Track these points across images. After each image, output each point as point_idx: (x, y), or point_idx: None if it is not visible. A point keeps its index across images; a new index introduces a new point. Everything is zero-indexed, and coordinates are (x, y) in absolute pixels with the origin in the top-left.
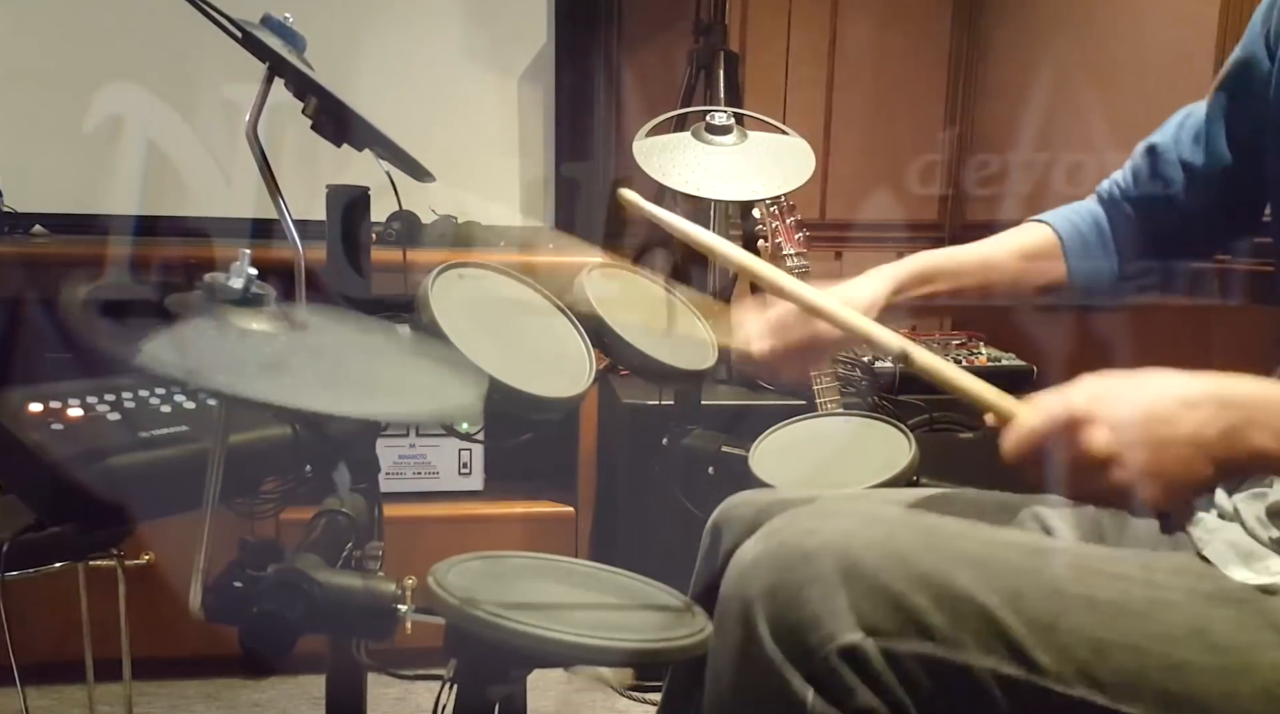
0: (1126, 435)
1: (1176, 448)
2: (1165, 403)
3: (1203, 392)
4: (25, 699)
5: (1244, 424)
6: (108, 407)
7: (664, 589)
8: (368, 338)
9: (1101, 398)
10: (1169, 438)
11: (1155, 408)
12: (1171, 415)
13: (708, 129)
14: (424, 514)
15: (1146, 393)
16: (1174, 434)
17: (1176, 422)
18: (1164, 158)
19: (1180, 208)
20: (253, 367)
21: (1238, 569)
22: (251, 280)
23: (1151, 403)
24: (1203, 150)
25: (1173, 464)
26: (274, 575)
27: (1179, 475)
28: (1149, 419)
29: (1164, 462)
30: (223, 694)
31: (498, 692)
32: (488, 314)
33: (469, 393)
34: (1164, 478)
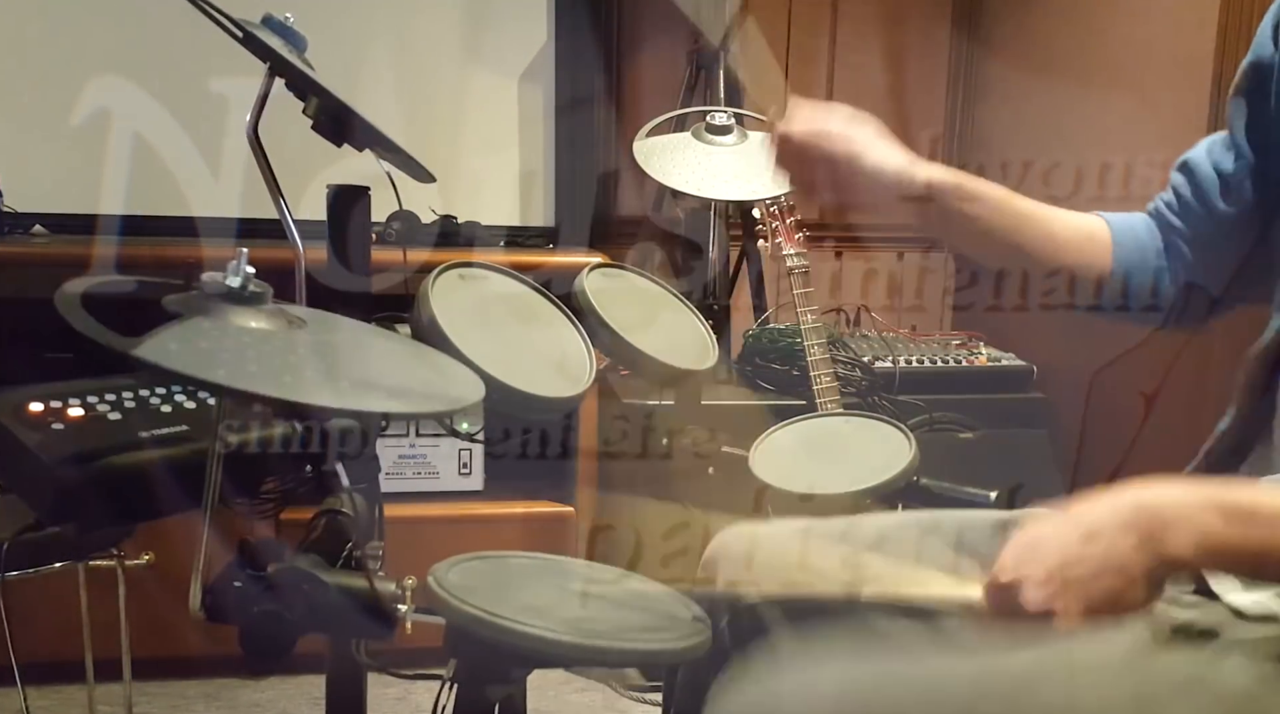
0: (1053, 589)
1: (1101, 581)
2: (1073, 542)
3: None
4: (25, 699)
5: (1155, 533)
6: (108, 407)
7: (664, 590)
8: (367, 337)
9: (1021, 559)
10: (1086, 575)
11: (1066, 551)
12: (1080, 554)
13: (708, 129)
14: (424, 514)
15: (1057, 536)
16: (1090, 570)
17: (1085, 558)
18: (1197, 169)
19: (1220, 217)
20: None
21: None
22: (249, 279)
23: (1062, 547)
24: (1232, 156)
25: (1106, 595)
26: (274, 575)
27: (1115, 601)
28: (1066, 564)
29: (1097, 597)
30: (223, 694)
31: (498, 692)
32: (488, 314)
33: (468, 391)
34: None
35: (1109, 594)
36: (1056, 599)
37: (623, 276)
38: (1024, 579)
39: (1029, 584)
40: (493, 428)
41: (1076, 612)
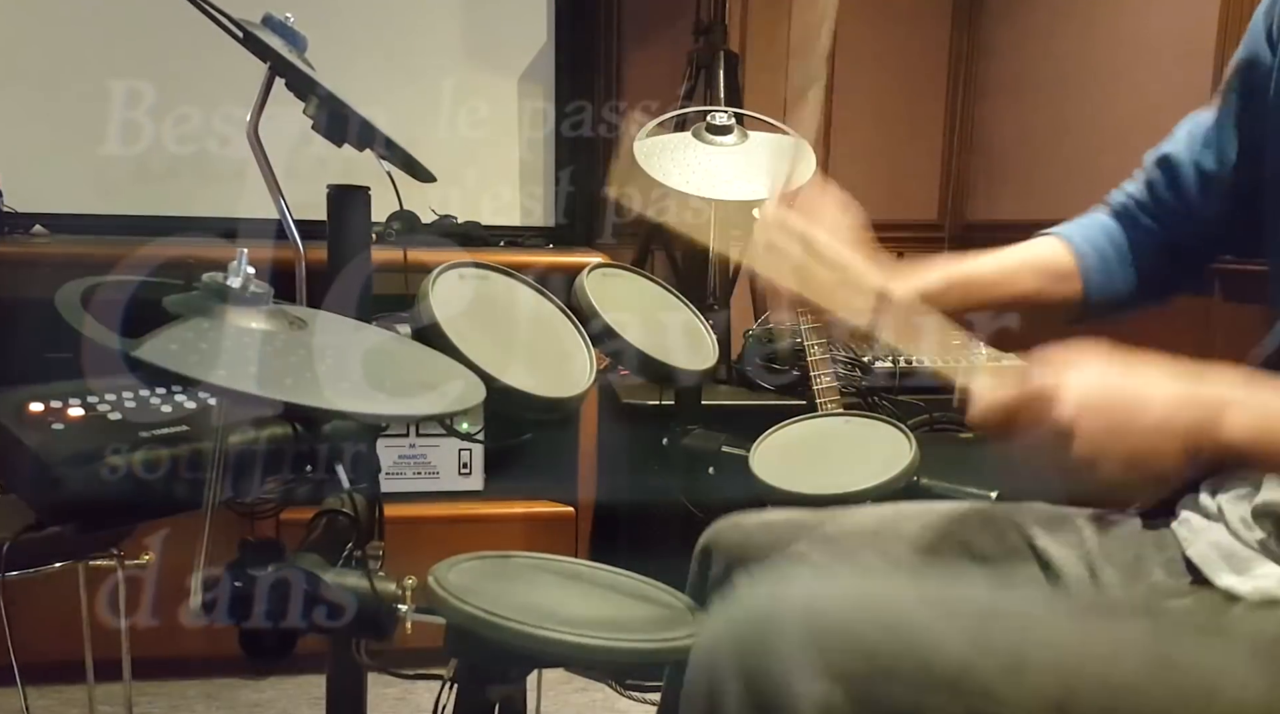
0: (1089, 412)
1: (1141, 432)
2: (1135, 386)
3: (1175, 382)
4: (25, 699)
5: (1214, 416)
6: (108, 407)
7: (664, 589)
8: (368, 338)
9: (1070, 373)
10: (1133, 420)
11: (1124, 389)
12: (1139, 399)
13: (708, 129)
14: (424, 514)
15: (1117, 374)
16: (1139, 417)
17: (1143, 406)
18: (1177, 165)
19: (1198, 215)
20: (252, 364)
21: (1225, 575)
22: (250, 279)
23: (1121, 384)
24: (1213, 154)
25: (1135, 446)
26: (274, 575)
27: (1141, 457)
28: (1114, 399)
29: (1126, 443)
30: (223, 694)
31: (498, 692)
32: (488, 314)
33: (468, 391)
34: (1124, 457)
35: (1146, 448)
36: (1087, 423)
37: (623, 276)
38: (1063, 391)
39: (1066, 398)
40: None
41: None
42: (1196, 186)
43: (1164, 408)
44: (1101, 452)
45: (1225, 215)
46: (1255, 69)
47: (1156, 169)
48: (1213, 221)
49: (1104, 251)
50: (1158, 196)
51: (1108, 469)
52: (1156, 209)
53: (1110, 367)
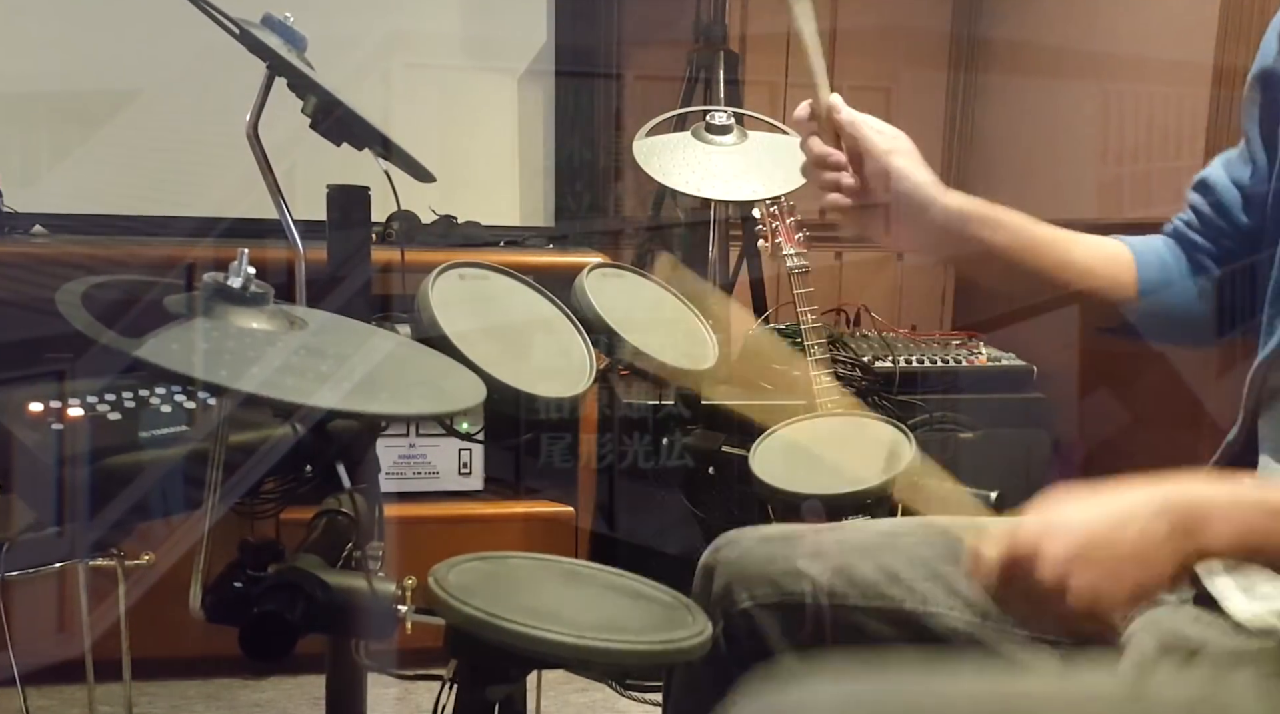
0: (1073, 565)
1: (1124, 566)
2: (1103, 524)
3: (1144, 504)
4: (25, 699)
5: (1191, 526)
6: (108, 407)
7: (664, 589)
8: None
9: (1045, 530)
10: (1111, 558)
11: (1094, 531)
12: (1109, 537)
13: (708, 129)
14: (424, 514)
15: (1086, 516)
16: (1115, 554)
17: (1115, 542)
18: (1215, 183)
19: (1244, 230)
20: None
21: (1239, 600)
22: (250, 279)
23: (1090, 526)
24: (1248, 168)
25: (1124, 582)
26: (274, 575)
27: (1132, 591)
28: (1092, 544)
29: (1115, 582)
30: (223, 694)
31: (498, 692)
32: (488, 314)
33: (468, 392)
34: (1117, 596)
35: (1131, 583)
36: (1075, 577)
37: (623, 276)
38: (1044, 551)
39: (1048, 557)
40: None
41: (1091, 595)
42: (1238, 202)
43: (1139, 535)
44: (1097, 598)
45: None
46: (1271, 78)
47: (1196, 193)
48: (1258, 234)
49: (1163, 257)
50: (1202, 216)
51: (1109, 610)
52: (1204, 228)
53: (1079, 508)
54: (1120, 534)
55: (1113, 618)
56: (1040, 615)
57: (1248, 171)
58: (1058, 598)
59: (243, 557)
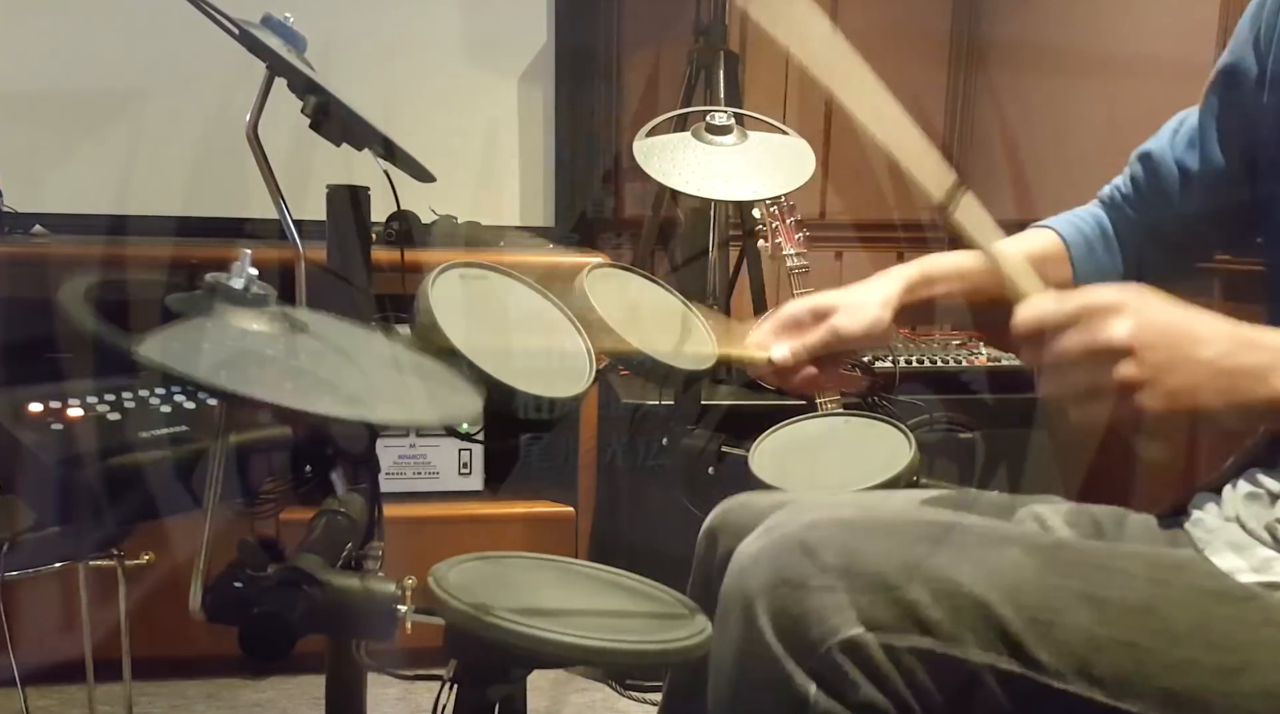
0: (1150, 335)
1: (1196, 365)
2: (1199, 323)
3: (1233, 329)
4: (25, 699)
5: (1266, 368)
6: (108, 407)
7: (664, 589)
8: (368, 342)
9: (1136, 297)
10: (1191, 352)
11: (1187, 322)
12: (1199, 336)
13: (708, 129)
14: (424, 514)
15: (1180, 311)
16: (1197, 351)
17: (1203, 341)
18: (1159, 163)
19: (1178, 212)
20: (253, 367)
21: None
22: (253, 280)
23: (1185, 318)
24: (1196, 154)
25: (1186, 379)
26: (274, 575)
27: (1189, 393)
28: (1177, 328)
29: (1179, 373)
30: (223, 694)
31: (498, 692)
32: (488, 314)
33: (469, 394)
34: (1172, 389)
35: (1195, 383)
36: (1145, 350)
37: (623, 276)
38: (1128, 309)
39: (1130, 316)
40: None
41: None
42: (1177, 184)
43: (1222, 346)
44: (1151, 377)
45: (1207, 212)
46: (1240, 75)
47: (1139, 165)
48: (1194, 218)
49: (1090, 238)
50: (1140, 190)
51: (1150, 400)
52: (1139, 201)
53: (1170, 306)
54: (1210, 338)
55: (1150, 409)
56: (1072, 381)
57: (1195, 157)
58: (1112, 359)
59: (243, 557)
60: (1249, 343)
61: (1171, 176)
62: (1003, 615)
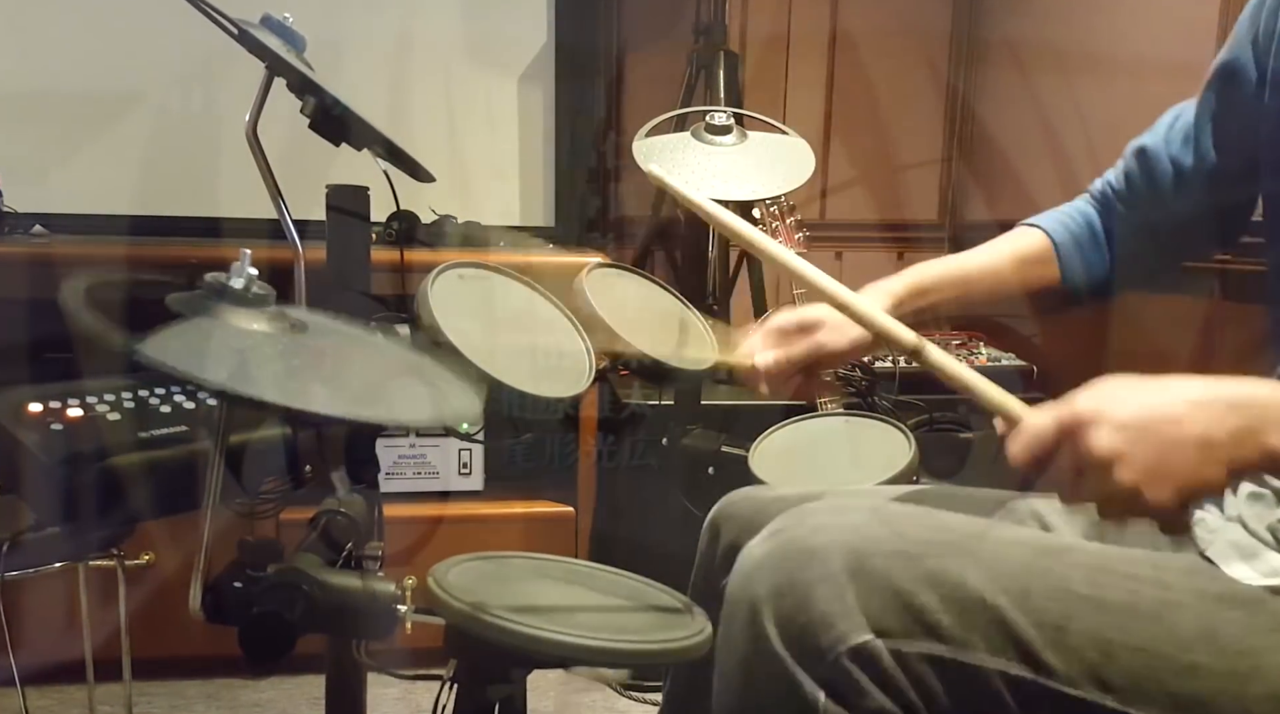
0: (1131, 435)
1: (1185, 449)
2: (1173, 403)
3: (1214, 393)
4: (25, 699)
5: (1257, 425)
6: (108, 407)
7: (664, 589)
8: (367, 342)
9: (1107, 399)
10: (1176, 438)
11: (1162, 408)
12: (1179, 415)
13: (708, 129)
14: (424, 514)
15: (1154, 394)
16: (1181, 434)
17: (1184, 421)
18: (1154, 158)
19: (1171, 208)
20: (253, 367)
21: (1241, 569)
22: (252, 280)
23: (1159, 403)
24: (1191, 151)
25: (1181, 465)
26: (274, 575)
27: (1187, 476)
28: (1155, 419)
29: (1171, 462)
30: (223, 694)
31: (498, 692)
32: (487, 314)
33: (469, 394)
34: (1171, 479)
35: (1189, 470)
36: (1132, 449)
37: (623, 276)
38: (1100, 419)
39: (1106, 424)
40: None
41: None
42: (1172, 181)
43: (1206, 421)
44: (1147, 476)
45: (1201, 209)
46: (1239, 73)
47: (1134, 160)
48: (1187, 215)
49: (1079, 236)
50: (1134, 186)
51: (1155, 495)
52: (1131, 197)
53: (1145, 387)
54: (1189, 416)
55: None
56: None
57: (1189, 153)
58: (1105, 471)
59: (243, 557)
60: (1228, 406)
61: (1166, 173)
62: (1013, 620)
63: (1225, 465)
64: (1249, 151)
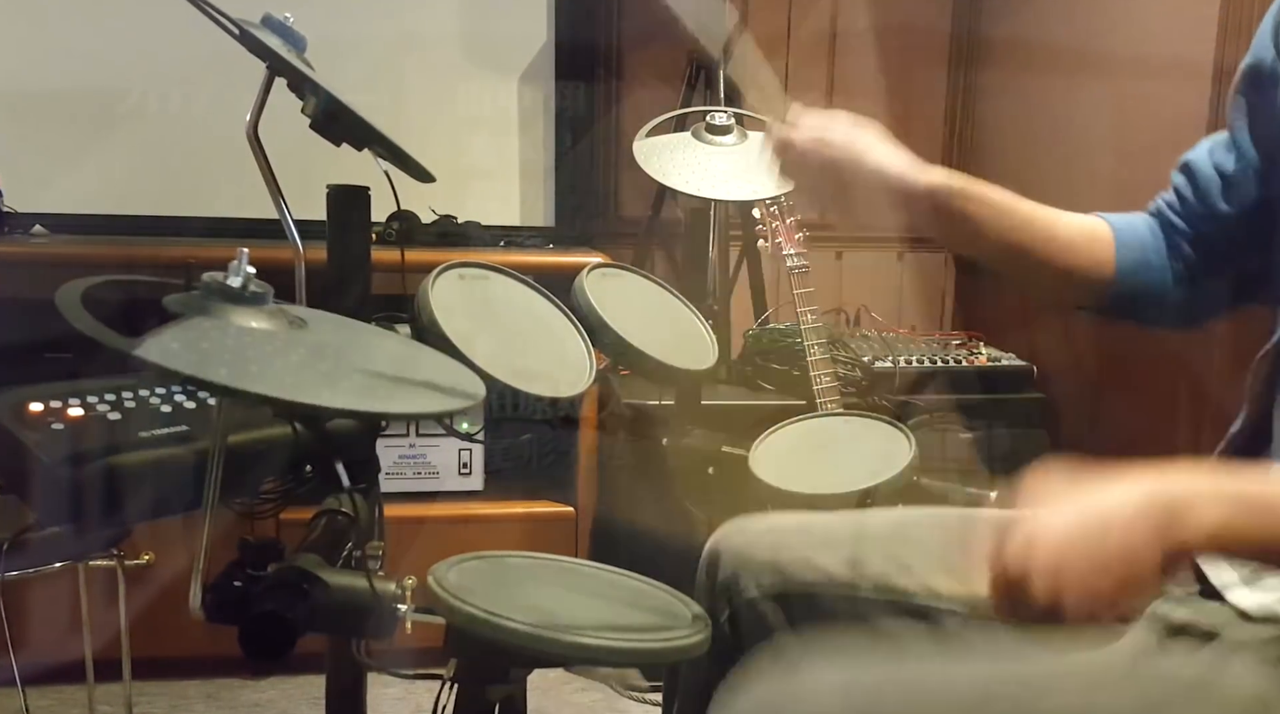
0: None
1: (1109, 567)
2: (1084, 528)
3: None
4: (25, 699)
5: (1178, 519)
6: (108, 407)
7: (664, 589)
8: (367, 338)
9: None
10: (1097, 562)
11: (1076, 539)
12: (1092, 540)
13: (708, 129)
14: (424, 514)
15: (1068, 521)
16: (1102, 557)
17: (1098, 544)
18: (1198, 169)
19: (1222, 217)
20: (253, 364)
21: (1241, 593)
22: (250, 278)
23: (1071, 533)
24: (1233, 157)
25: (1111, 584)
26: (274, 575)
27: (1124, 590)
28: (1073, 553)
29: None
30: (223, 694)
31: (498, 692)
32: (487, 314)
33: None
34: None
35: (1120, 584)
36: (1065, 587)
37: (623, 276)
38: (1031, 571)
39: (1037, 576)
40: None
41: (1086, 600)
42: (1218, 188)
43: (1126, 536)
44: (1092, 602)
45: (1246, 213)
46: (1263, 75)
47: (1180, 174)
48: (1236, 221)
49: (1143, 237)
50: (1184, 198)
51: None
52: (1184, 209)
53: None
54: (1103, 536)
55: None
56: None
57: (1231, 158)
58: (1056, 610)
59: (243, 557)
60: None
61: (1212, 181)
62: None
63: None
64: (1276, 153)
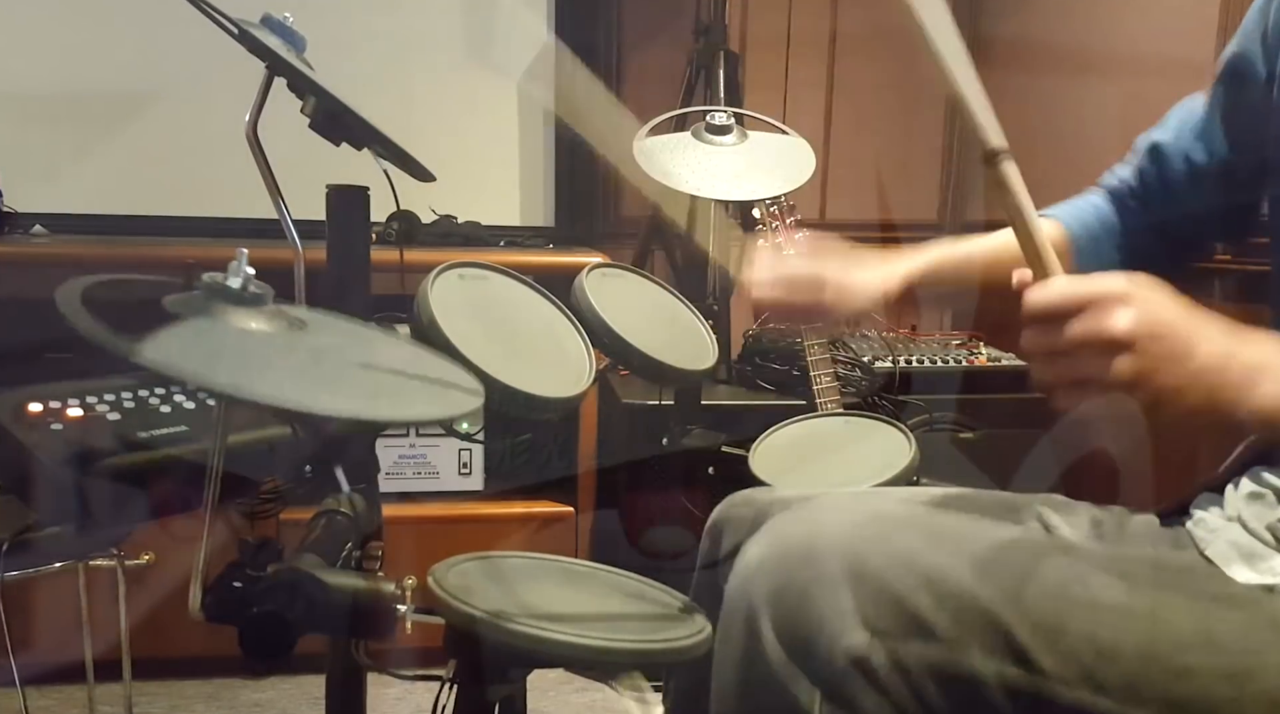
0: (1150, 331)
1: (1183, 370)
2: (1196, 328)
3: (1230, 338)
4: (25, 699)
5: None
6: (108, 407)
7: (664, 589)
8: (367, 340)
9: (1143, 290)
10: (1183, 357)
11: (1185, 327)
12: (1196, 341)
13: (708, 129)
14: (424, 514)
15: (1183, 312)
16: (1188, 356)
17: (1196, 348)
18: (1168, 155)
19: (1185, 204)
20: (252, 366)
21: (1240, 569)
22: (250, 279)
23: (1184, 321)
24: (1204, 146)
25: (1172, 381)
26: (274, 576)
27: (1171, 395)
28: (1175, 331)
29: (1167, 375)
30: (223, 694)
31: (498, 692)
32: (487, 314)
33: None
34: (1157, 390)
35: (1178, 387)
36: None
37: (623, 276)
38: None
39: (1136, 309)
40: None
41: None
42: (1185, 177)
43: (1215, 354)
44: (1144, 376)
45: (1214, 205)
46: (1247, 69)
47: (1147, 157)
48: (1200, 210)
49: (1094, 230)
50: (1147, 183)
51: (1141, 394)
52: (1145, 194)
53: (1174, 302)
54: (1207, 347)
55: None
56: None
57: (1200, 147)
58: (1108, 353)
59: (243, 557)
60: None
61: (1179, 170)
62: (1007, 622)
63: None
64: (1259, 148)
